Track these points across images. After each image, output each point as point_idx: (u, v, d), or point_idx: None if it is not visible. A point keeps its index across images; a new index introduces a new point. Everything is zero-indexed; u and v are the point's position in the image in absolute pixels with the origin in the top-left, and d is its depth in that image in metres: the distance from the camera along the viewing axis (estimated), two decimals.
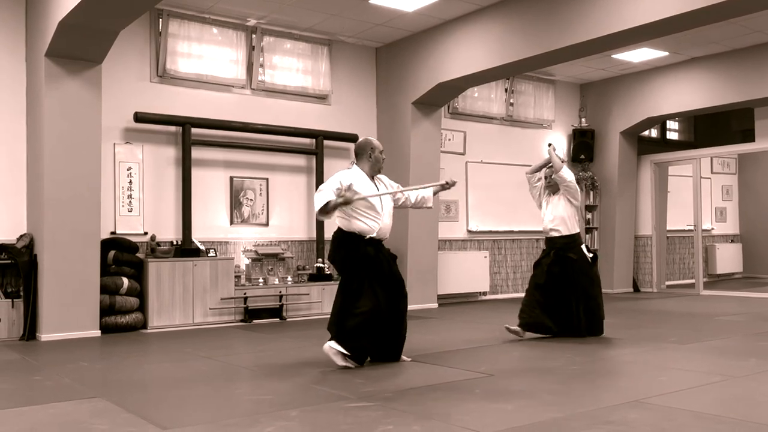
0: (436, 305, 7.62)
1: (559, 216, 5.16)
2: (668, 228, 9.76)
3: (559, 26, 5.90)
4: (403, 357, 4.18)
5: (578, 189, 5.26)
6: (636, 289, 9.49)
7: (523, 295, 5.51)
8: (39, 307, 5.42)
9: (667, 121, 10.42)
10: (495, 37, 6.51)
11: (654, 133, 10.41)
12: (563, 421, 2.83)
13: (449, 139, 8.28)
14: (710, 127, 10.48)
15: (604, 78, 9.27)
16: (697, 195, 9.17)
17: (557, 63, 6.88)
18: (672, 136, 10.77)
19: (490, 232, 8.65)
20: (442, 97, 7.46)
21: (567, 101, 9.52)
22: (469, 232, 8.48)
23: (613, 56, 8.11)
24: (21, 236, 5.60)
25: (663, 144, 10.40)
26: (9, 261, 5.47)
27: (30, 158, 5.72)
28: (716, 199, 11.14)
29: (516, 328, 5.10)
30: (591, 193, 9.36)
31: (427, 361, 4.24)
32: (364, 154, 4.13)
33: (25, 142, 5.78)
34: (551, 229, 5.19)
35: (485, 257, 8.37)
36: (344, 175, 4.06)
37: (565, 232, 5.13)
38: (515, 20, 6.33)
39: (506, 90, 8.81)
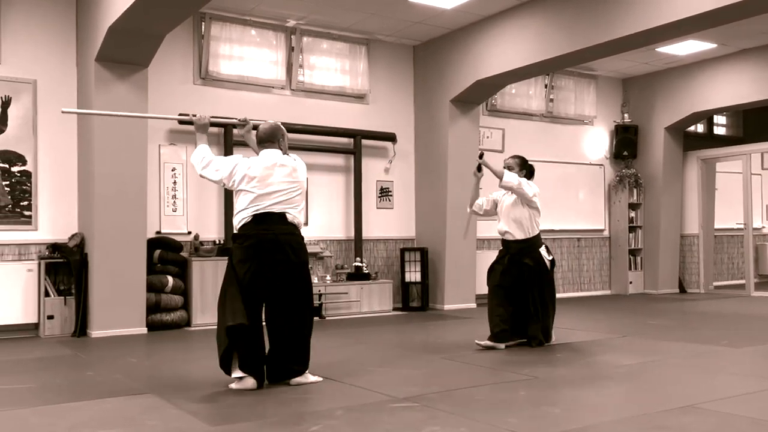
0: (474, 305, 7.56)
1: (515, 218, 4.69)
2: (716, 226, 9.45)
3: (601, 20, 5.77)
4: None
5: (533, 191, 4.67)
6: (682, 289, 9.22)
7: (563, 295, 5.32)
8: (89, 305, 5.60)
9: (715, 116, 10.09)
10: (535, 32, 6.42)
11: (700, 128, 10.09)
12: (613, 425, 2.77)
13: (487, 137, 8.19)
14: (761, 121, 10.09)
15: (647, 72, 9.03)
16: (747, 192, 8.85)
17: (599, 58, 6.73)
18: (720, 131, 10.43)
19: None
20: (480, 95, 7.39)
21: (609, 96, 9.32)
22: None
23: (657, 49, 7.89)
24: (72, 235, 5.79)
25: (710, 139, 10.08)
26: (62, 260, 5.66)
27: (81, 160, 5.91)
28: None
29: (487, 342, 4.64)
30: (635, 190, 9.14)
31: (469, 362, 4.21)
32: (275, 140, 3.59)
33: (77, 145, 5.97)
34: (506, 232, 4.73)
35: None
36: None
37: (520, 236, 4.67)
38: (556, 15, 6.22)
39: (546, 86, 8.67)
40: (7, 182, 5.70)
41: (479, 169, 4.85)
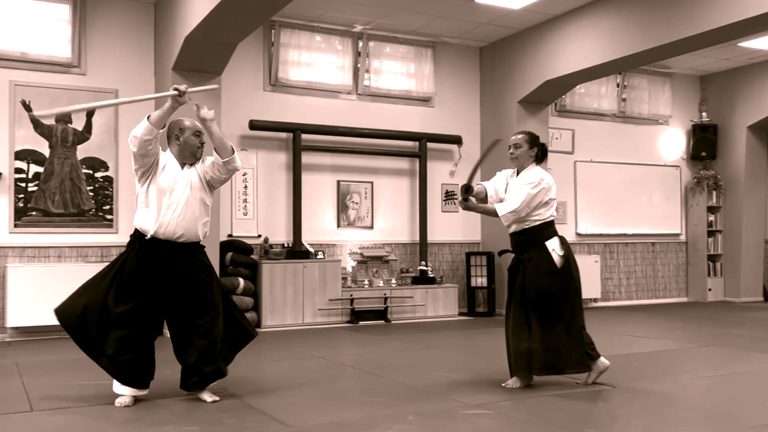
0: None
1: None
2: None
3: (677, 16, 5.51)
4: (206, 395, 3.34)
5: (539, 198, 3.55)
6: (767, 297, 8.68)
7: (636, 302, 4.92)
8: None
9: None
10: (607, 30, 6.21)
11: None
12: None
13: (556, 138, 7.99)
14: None
15: (728, 68, 8.57)
16: None
17: (676, 55, 6.41)
18: None
19: (601, 235, 8.26)
20: (549, 95, 7.22)
21: (685, 95, 8.90)
22: (578, 235, 8.13)
23: (739, 44, 7.47)
24: None
25: None
26: None
27: None
28: None
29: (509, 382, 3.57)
30: (714, 193, 8.68)
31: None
32: (171, 137, 3.40)
33: None
34: (508, 223, 3.64)
35: (596, 262, 7.99)
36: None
37: (516, 227, 3.57)
38: (629, 11, 5.99)
39: (618, 85, 8.38)
40: (91, 187, 6.02)
41: (466, 194, 3.58)
